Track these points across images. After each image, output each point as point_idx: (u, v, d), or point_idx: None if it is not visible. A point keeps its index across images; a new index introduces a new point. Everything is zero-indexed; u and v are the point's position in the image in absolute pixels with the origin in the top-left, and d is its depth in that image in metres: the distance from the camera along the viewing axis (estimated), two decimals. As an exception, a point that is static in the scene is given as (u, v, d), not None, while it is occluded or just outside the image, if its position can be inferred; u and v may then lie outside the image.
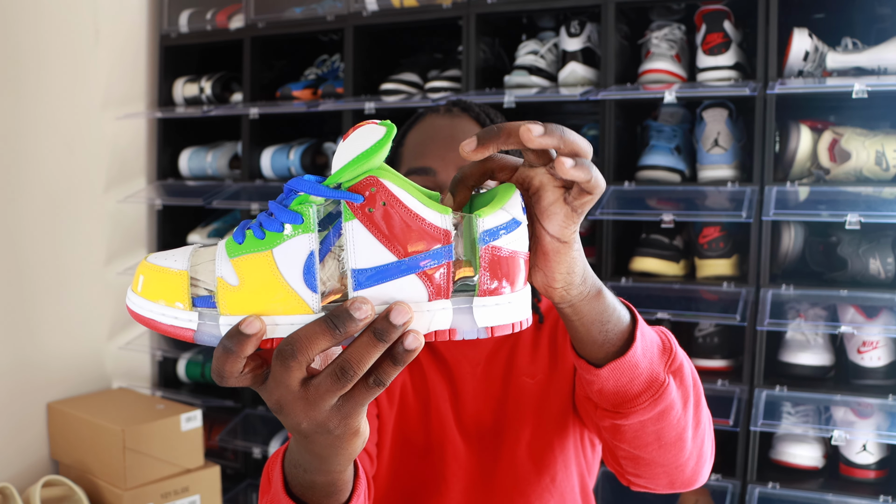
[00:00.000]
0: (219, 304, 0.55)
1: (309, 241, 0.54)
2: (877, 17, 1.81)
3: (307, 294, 0.54)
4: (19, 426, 2.03)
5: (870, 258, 1.64)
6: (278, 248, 0.54)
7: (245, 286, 0.55)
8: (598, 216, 1.71)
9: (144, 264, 0.58)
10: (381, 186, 0.54)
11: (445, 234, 0.55)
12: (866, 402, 1.58)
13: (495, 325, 0.57)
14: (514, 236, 0.57)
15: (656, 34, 1.84)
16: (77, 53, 2.17)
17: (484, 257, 0.56)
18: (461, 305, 0.56)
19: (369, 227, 0.54)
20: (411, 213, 0.54)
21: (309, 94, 2.21)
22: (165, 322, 0.56)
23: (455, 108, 1.07)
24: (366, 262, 0.54)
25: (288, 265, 0.54)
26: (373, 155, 0.53)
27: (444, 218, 0.55)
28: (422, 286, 0.55)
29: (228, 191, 2.23)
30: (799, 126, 1.70)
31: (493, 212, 0.56)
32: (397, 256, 0.54)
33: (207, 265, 0.56)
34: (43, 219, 2.09)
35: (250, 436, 2.20)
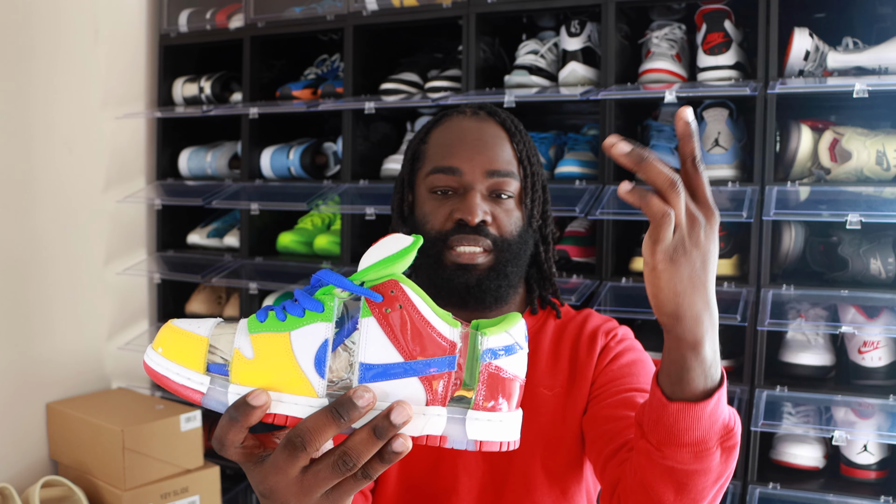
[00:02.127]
0: (231, 372, 0.59)
1: (325, 329, 0.59)
2: (877, 17, 1.81)
3: (315, 378, 0.58)
4: (19, 426, 2.03)
5: (870, 258, 1.64)
6: (296, 332, 0.59)
7: (259, 360, 0.59)
8: (598, 216, 1.70)
9: (169, 326, 0.62)
10: (400, 290, 0.59)
11: (452, 345, 0.59)
12: (867, 402, 1.58)
13: (484, 440, 0.60)
14: (513, 360, 0.60)
15: (657, 34, 1.84)
16: (76, 53, 2.17)
17: (483, 373, 0.59)
18: (455, 415, 0.59)
19: (383, 326, 0.58)
20: (424, 320, 0.59)
21: (309, 93, 2.20)
22: (178, 381, 0.60)
23: (481, 111, 1.09)
24: (374, 358, 0.58)
25: (302, 349, 0.58)
26: (398, 260, 0.58)
27: (452, 330, 0.59)
28: (422, 390, 0.58)
29: (228, 191, 2.23)
30: (799, 126, 1.69)
31: (497, 333, 0.60)
32: (404, 358, 0.58)
33: (228, 336, 0.61)
34: (42, 219, 2.09)
35: (250, 436, 2.20)
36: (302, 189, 2.13)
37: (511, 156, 1.05)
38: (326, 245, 2.15)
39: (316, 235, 2.21)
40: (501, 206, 1.04)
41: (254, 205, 2.14)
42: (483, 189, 1.03)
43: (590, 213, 1.70)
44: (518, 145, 1.06)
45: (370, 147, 2.16)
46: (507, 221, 1.04)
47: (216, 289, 2.45)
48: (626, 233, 1.88)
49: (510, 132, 1.07)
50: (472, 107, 1.11)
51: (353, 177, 2.09)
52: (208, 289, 2.45)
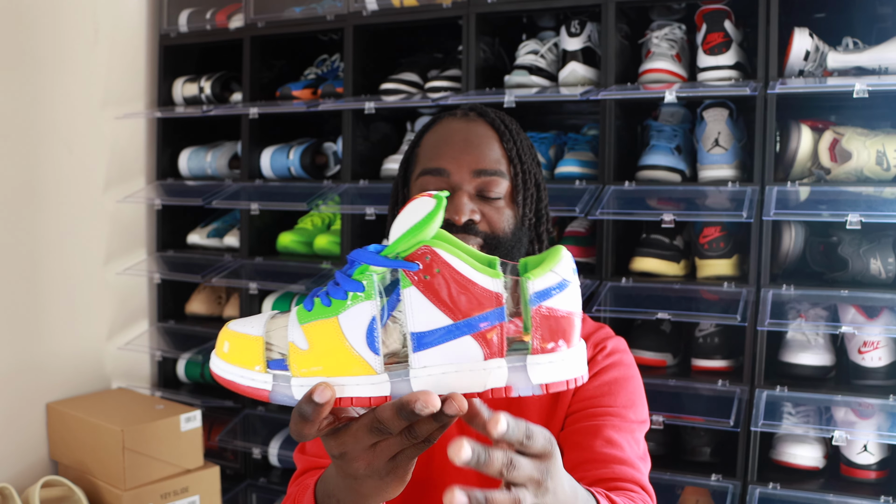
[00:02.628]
0: (290, 366, 0.61)
1: (370, 307, 0.59)
2: (877, 17, 1.81)
3: (370, 356, 0.59)
4: (18, 426, 2.03)
5: (870, 258, 1.64)
6: (343, 315, 0.60)
7: (314, 349, 0.60)
8: (598, 216, 1.70)
9: (226, 330, 0.64)
10: (435, 255, 0.59)
11: (497, 297, 0.59)
12: (867, 402, 1.58)
13: (550, 382, 0.60)
14: (564, 296, 0.60)
15: (657, 34, 1.84)
16: (77, 53, 2.17)
17: (535, 317, 0.59)
18: (516, 364, 0.60)
19: (425, 292, 0.59)
20: (464, 278, 0.59)
21: (309, 93, 2.20)
22: (244, 383, 0.62)
23: (472, 112, 1.09)
24: (423, 326, 0.59)
25: (352, 330, 0.59)
26: (426, 226, 0.58)
27: (495, 282, 0.59)
28: (477, 346, 0.59)
29: (228, 190, 2.23)
30: (800, 126, 1.69)
31: (542, 274, 0.60)
32: (453, 319, 0.59)
33: (280, 331, 0.62)
34: (42, 218, 2.09)
35: (250, 436, 2.20)
36: (302, 189, 2.13)
37: (500, 155, 1.05)
38: (326, 245, 2.15)
39: (316, 235, 2.21)
40: (492, 205, 1.04)
41: (254, 205, 2.14)
42: (471, 189, 1.03)
43: (590, 213, 1.70)
44: (507, 144, 1.06)
45: (370, 147, 2.16)
46: (497, 219, 1.03)
47: (216, 289, 2.45)
48: (626, 233, 1.88)
49: (499, 131, 1.06)
50: (463, 108, 1.11)
51: (353, 177, 2.09)
52: (208, 289, 2.45)
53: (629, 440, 1.00)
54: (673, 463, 1.80)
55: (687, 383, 1.73)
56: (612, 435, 0.98)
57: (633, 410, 1.03)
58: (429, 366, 0.60)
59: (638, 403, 1.06)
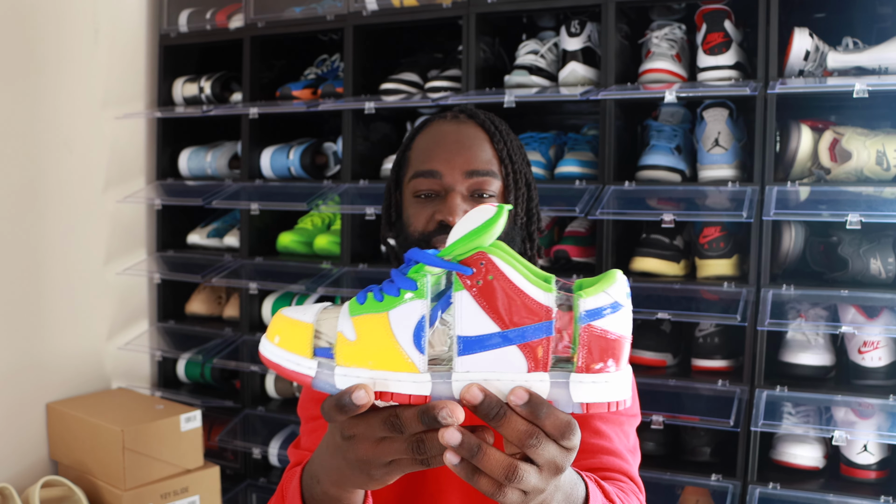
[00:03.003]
0: (336, 355, 0.62)
1: (421, 306, 0.60)
2: (878, 17, 1.81)
3: (415, 355, 0.60)
4: (18, 426, 2.03)
5: (870, 258, 1.64)
6: (394, 311, 0.61)
7: (361, 342, 0.61)
8: (598, 216, 1.70)
9: (279, 315, 0.65)
10: (489, 262, 0.59)
11: (547, 311, 0.59)
12: (867, 402, 1.58)
13: (591, 402, 0.60)
14: (615, 318, 0.60)
15: (656, 34, 1.84)
16: (76, 53, 2.16)
17: (583, 336, 0.59)
18: (559, 379, 0.60)
19: (476, 298, 0.59)
20: (516, 288, 0.59)
21: (309, 93, 2.20)
22: (289, 367, 0.63)
23: (462, 114, 1.10)
24: (471, 331, 0.59)
25: (401, 327, 0.60)
26: (483, 232, 0.59)
27: (547, 296, 0.59)
28: (522, 358, 0.59)
29: (228, 191, 2.23)
30: (800, 126, 1.69)
31: (595, 293, 0.59)
32: (500, 328, 0.59)
33: (331, 321, 0.63)
34: (42, 218, 2.09)
35: (250, 436, 2.20)
36: (302, 189, 2.13)
37: (491, 155, 1.06)
38: (326, 245, 2.15)
39: (316, 235, 2.21)
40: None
41: (254, 205, 2.14)
42: (463, 190, 1.04)
43: (590, 213, 1.70)
44: (498, 145, 1.07)
45: (370, 147, 2.16)
46: None
47: (216, 289, 2.45)
48: (626, 233, 1.88)
49: (490, 132, 1.07)
50: (454, 111, 1.12)
51: (353, 177, 2.09)
52: (208, 289, 2.45)
53: (618, 432, 1.00)
54: (673, 463, 1.80)
55: (687, 383, 1.73)
56: (600, 426, 0.98)
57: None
58: (472, 371, 0.60)
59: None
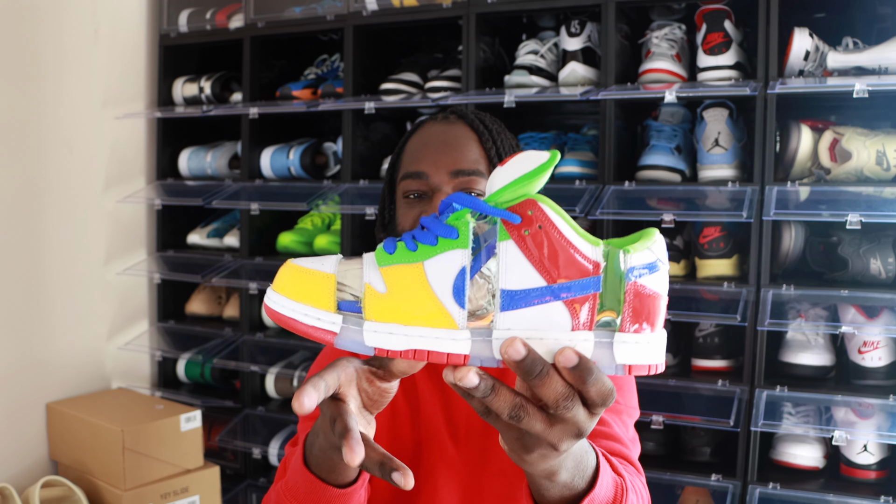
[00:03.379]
0: (365, 309, 0.55)
1: (462, 256, 0.55)
2: (877, 17, 1.81)
3: (455, 309, 0.55)
4: (18, 427, 2.03)
5: (870, 258, 1.64)
6: (430, 261, 0.55)
7: (393, 294, 0.55)
8: (598, 216, 1.70)
9: (289, 265, 0.58)
10: (539, 210, 0.54)
11: (595, 266, 0.55)
12: (867, 402, 1.58)
13: (633, 364, 0.56)
14: (657, 277, 0.56)
15: (656, 34, 1.84)
16: (77, 53, 2.16)
17: (629, 293, 0.55)
18: (602, 339, 0.56)
19: (523, 248, 0.54)
20: (566, 239, 0.54)
21: (309, 93, 2.20)
22: (307, 322, 0.56)
23: (452, 115, 1.11)
24: (516, 284, 0.54)
25: (438, 278, 0.55)
26: (535, 177, 0.54)
27: (595, 249, 0.55)
28: (566, 314, 0.55)
29: (228, 191, 2.23)
30: (799, 126, 1.69)
31: (640, 250, 0.56)
32: (547, 282, 0.54)
33: (355, 271, 0.57)
34: (42, 218, 2.09)
35: (250, 436, 2.20)
36: (302, 189, 2.13)
37: (479, 155, 1.06)
38: (326, 245, 2.15)
39: (316, 235, 2.21)
40: None
41: (254, 205, 2.14)
42: (449, 190, 1.04)
43: (590, 213, 1.70)
44: (486, 144, 1.07)
45: (370, 147, 2.16)
46: None
47: (216, 289, 2.45)
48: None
49: (478, 132, 1.08)
50: (445, 112, 1.13)
51: (353, 177, 2.09)
52: (208, 289, 2.45)
53: (617, 421, 1.00)
54: (673, 463, 1.80)
55: (687, 383, 1.73)
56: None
57: (621, 394, 1.04)
58: (513, 328, 0.55)
59: (626, 389, 1.06)
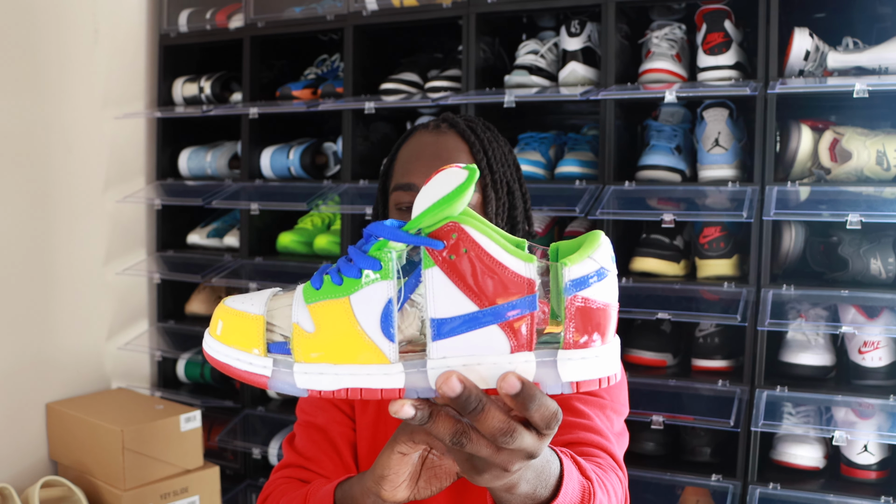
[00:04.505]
0: (294, 350, 0.54)
1: (387, 288, 0.53)
2: (878, 17, 1.81)
3: (384, 343, 0.53)
4: (18, 427, 2.03)
5: (871, 258, 1.63)
6: (356, 295, 0.53)
7: (321, 333, 0.54)
8: (598, 216, 1.70)
9: (222, 307, 0.57)
10: (462, 233, 0.52)
11: (529, 284, 0.53)
12: (867, 402, 1.58)
13: (580, 381, 0.54)
14: (602, 286, 0.54)
15: (657, 34, 1.84)
16: (76, 53, 2.16)
17: (570, 308, 0.53)
18: (545, 359, 0.54)
19: (450, 274, 0.52)
20: (494, 260, 0.52)
21: (308, 93, 2.20)
22: (240, 367, 0.55)
23: (443, 124, 1.10)
24: (446, 312, 0.53)
25: (365, 313, 0.53)
26: (454, 200, 0.52)
27: (528, 266, 0.53)
28: (504, 338, 0.53)
29: (228, 190, 2.22)
30: (800, 126, 1.69)
31: (579, 260, 0.53)
32: (479, 306, 0.52)
33: (284, 310, 0.55)
34: (41, 218, 2.09)
35: (250, 436, 2.20)
36: (302, 189, 2.13)
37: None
38: (326, 245, 2.15)
39: (316, 235, 2.21)
40: None
41: (254, 205, 2.14)
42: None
43: (590, 213, 1.70)
44: (477, 155, 1.07)
45: (370, 147, 2.15)
46: None
47: (216, 289, 2.45)
48: (626, 233, 1.88)
49: (469, 142, 1.08)
50: (436, 120, 1.12)
51: (353, 177, 2.09)
52: (208, 289, 2.45)
53: (599, 414, 0.98)
54: (673, 463, 1.80)
55: (687, 383, 1.73)
56: (579, 406, 0.97)
57: (606, 391, 1.02)
58: (448, 356, 0.53)
59: (615, 388, 1.04)
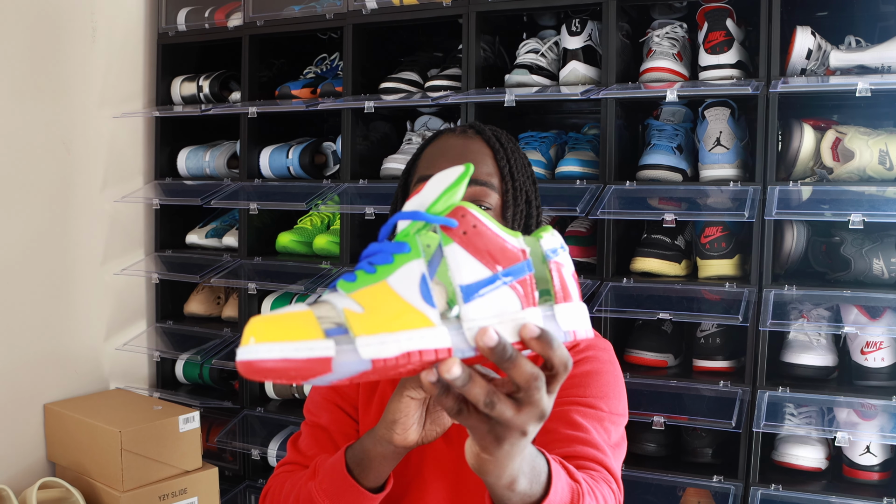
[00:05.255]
0: (351, 328, 0.58)
1: (419, 265, 0.62)
2: (880, 15, 1.80)
3: (428, 309, 0.60)
4: (16, 428, 2.02)
5: (873, 258, 1.63)
6: (392, 277, 0.61)
7: (371, 311, 0.59)
8: (599, 216, 1.69)
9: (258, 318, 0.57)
10: (469, 213, 0.63)
11: (523, 252, 0.64)
12: (870, 403, 1.57)
13: (577, 329, 0.66)
14: (566, 256, 0.68)
15: (658, 32, 1.83)
16: (74, 51, 2.16)
17: (553, 270, 0.66)
18: (546, 312, 0.64)
19: (466, 247, 0.62)
20: (495, 234, 0.64)
21: (308, 92, 2.19)
22: (301, 356, 0.55)
23: (470, 129, 1.15)
24: (469, 278, 0.62)
25: (405, 288, 0.61)
26: (458, 186, 0.62)
27: (518, 240, 0.65)
28: (514, 296, 0.63)
29: (227, 190, 2.22)
30: (802, 125, 1.69)
31: (548, 235, 0.67)
32: (492, 271, 0.62)
33: (326, 305, 0.60)
34: (40, 218, 2.08)
35: (249, 437, 2.19)
36: (301, 189, 2.12)
37: (492, 169, 1.11)
38: (326, 245, 2.14)
39: (315, 235, 2.20)
40: None
41: (253, 204, 2.13)
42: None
43: (591, 212, 1.69)
44: (500, 161, 1.11)
45: (370, 146, 2.15)
46: None
47: (215, 289, 2.44)
48: (626, 232, 1.88)
49: (494, 148, 1.12)
50: (462, 126, 1.17)
51: (353, 176, 2.08)
52: (207, 289, 2.44)
53: (597, 427, 0.99)
54: (674, 464, 1.80)
55: (688, 384, 1.72)
56: (577, 419, 0.98)
57: (605, 401, 1.03)
58: (477, 318, 0.61)
59: (612, 396, 1.05)
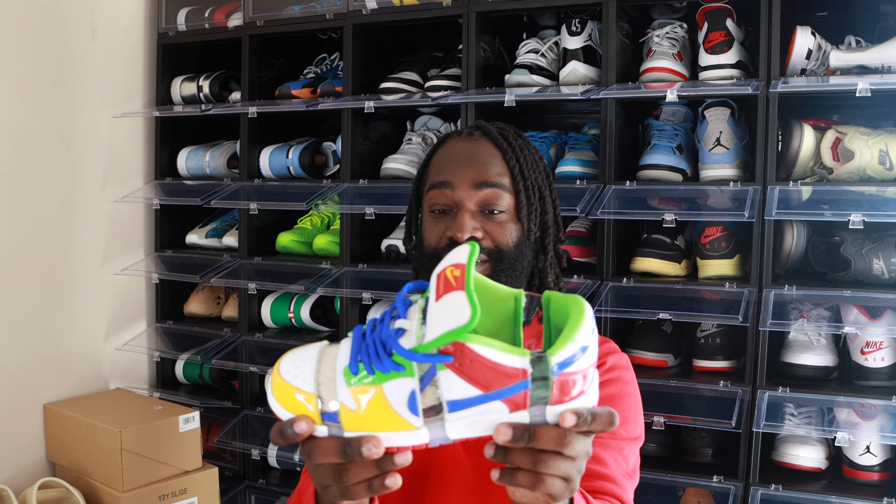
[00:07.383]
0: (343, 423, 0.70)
1: (410, 383, 0.68)
2: (880, 15, 1.80)
3: (411, 417, 0.69)
4: (15, 428, 2.02)
5: (873, 258, 1.63)
6: (386, 385, 0.69)
7: (363, 413, 0.69)
8: (599, 216, 1.69)
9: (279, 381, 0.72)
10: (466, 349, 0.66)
11: (524, 372, 0.65)
12: (870, 403, 1.57)
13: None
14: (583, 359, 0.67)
15: (658, 32, 1.83)
16: (74, 51, 2.15)
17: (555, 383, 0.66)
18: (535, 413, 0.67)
19: (459, 374, 0.66)
20: (493, 363, 0.66)
21: (308, 92, 2.19)
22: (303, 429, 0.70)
23: (476, 131, 1.16)
24: (458, 396, 0.67)
25: (395, 398, 0.68)
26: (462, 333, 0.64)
27: (523, 359, 0.66)
28: (504, 407, 0.66)
29: (227, 190, 2.22)
30: (802, 125, 1.69)
31: (564, 346, 0.66)
32: (484, 391, 0.66)
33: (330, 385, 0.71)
34: (40, 218, 2.08)
35: (249, 437, 2.19)
36: (301, 189, 2.12)
37: (502, 170, 1.11)
38: (325, 245, 2.14)
39: (315, 235, 2.20)
40: (493, 220, 1.10)
41: (253, 204, 2.13)
42: (473, 205, 1.09)
43: (590, 212, 1.69)
44: (510, 161, 1.12)
45: (369, 146, 2.15)
46: (500, 235, 1.09)
47: (215, 289, 2.44)
48: (627, 232, 1.87)
49: (502, 149, 1.12)
50: (469, 128, 1.18)
51: (353, 176, 2.08)
52: (207, 289, 2.44)
53: (616, 457, 1.02)
54: (674, 464, 1.80)
55: (688, 384, 1.72)
56: (598, 452, 1.00)
57: (625, 427, 1.05)
58: (462, 417, 0.68)
59: (632, 420, 1.07)
